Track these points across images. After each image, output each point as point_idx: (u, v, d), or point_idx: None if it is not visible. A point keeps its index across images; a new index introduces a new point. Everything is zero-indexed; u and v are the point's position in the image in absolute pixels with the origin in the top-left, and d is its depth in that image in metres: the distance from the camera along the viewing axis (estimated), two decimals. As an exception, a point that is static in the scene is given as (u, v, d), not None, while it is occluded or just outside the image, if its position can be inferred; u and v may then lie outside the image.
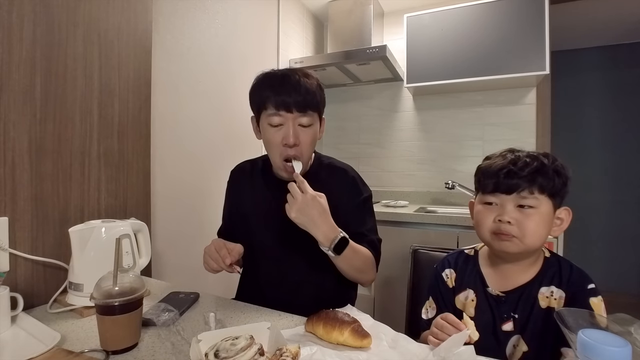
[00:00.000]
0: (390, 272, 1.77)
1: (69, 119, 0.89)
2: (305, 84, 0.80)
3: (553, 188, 0.67)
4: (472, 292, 0.76)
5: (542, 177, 0.66)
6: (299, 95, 0.78)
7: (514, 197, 0.68)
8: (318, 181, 0.90)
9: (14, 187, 0.78)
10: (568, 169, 0.69)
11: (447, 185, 2.01)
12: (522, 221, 0.67)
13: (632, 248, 3.02)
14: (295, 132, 0.80)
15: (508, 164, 0.68)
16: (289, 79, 0.80)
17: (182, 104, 1.39)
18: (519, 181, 0.67)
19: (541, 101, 2.07)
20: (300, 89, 0.78)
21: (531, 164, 0.67)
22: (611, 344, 0.37)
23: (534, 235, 0.67)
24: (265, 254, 0.91)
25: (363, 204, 0.92)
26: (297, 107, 0.79)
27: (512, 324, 0.70)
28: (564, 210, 0.70)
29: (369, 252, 0.85)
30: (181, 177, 1.39)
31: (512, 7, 1.85)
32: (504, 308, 0.71)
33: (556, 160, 0.69)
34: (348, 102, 2.59)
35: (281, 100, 0.78)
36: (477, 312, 0.74)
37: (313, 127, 0.83)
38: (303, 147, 0.82)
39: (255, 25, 1.85)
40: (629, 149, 3.02)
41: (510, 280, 0.72)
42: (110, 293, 0.60)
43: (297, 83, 0.79)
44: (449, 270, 0.81)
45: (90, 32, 0.93)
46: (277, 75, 0.82)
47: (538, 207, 0.67)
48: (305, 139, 0.82)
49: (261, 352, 0.53)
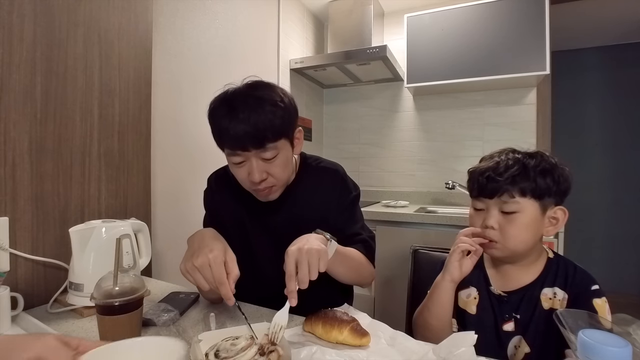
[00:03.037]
0: (390, 272, 1.77)
1: (69, 119, 0.89)
2: (258, 113, 0.69)
3: (537, 190, 0.66)
4: (475, 290, 0.76)
5: (523, 180, 0.66)
6: (250, 129, 0.69)
7: (496, 202, 0.68)
8: (307, 185, 0.88)
9: (15, 187, 0.78)
10: (561, 166, 0.68)
11: (448, 186, 2.01)
12: (504, 226, 0.67)
13: (632, 248, 3.02)
14: (260, 168, 0.73)
15: (489, 169, 0.69)
16: (238, 112, 0.69)
17: (183, 104, 1.39)
18: (498, 185, 0.67)
19: (541, 101, 2.07)
20: (251, 122, 0.68)
21: (512, 167, 0.67)
22: (611, 344, 0.37)
23: (516, 240, 0.67)
24: (264, 255, 0.90)
25: (353, 202, 0.91)
26: (252, 144, 0.70)
27: (513, 324, 0.70)
28: (560, 209, 0.69)
29: (359, 252, 0.83)
30: (181, 177, 1.39)
31: (512, 7, 1.85)
32: (505, 308, 0.71)
33: (545, 160, 0.68)
34: (348, 102, 2.59)
35: (234, 139, 0.70)
36: (478, 310, 0.74)
37: (280, 155, 0.74)
38: (273, 178, 0.76)
39: (255, 26, 1.85)
40: (629, 149, 3.02)
41: (512, 280, 0.72)
42: (110, 293, 0.60)
43: (249, 115, 0.68)
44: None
45: (91, 32, 0.94)
46: (229, 106, 0.72)
47: (521, 212, 0.66)
48: (274, 170, 0.75)
49: (261, 352, 0.53)
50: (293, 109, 0.78)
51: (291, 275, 0.60)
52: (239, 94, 0.73)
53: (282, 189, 0.82)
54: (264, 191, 0.78)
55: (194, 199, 1.43)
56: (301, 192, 0.87)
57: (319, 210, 0.85)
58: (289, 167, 0.80)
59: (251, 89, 0.74)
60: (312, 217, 0.83)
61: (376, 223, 1.83)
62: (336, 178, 0.89)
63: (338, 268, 0.74)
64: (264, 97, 0.72)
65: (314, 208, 0.86)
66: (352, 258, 0.80)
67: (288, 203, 0.86)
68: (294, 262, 0.61)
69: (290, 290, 0.60)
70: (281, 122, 0.72)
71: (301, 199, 0.87)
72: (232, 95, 0.73)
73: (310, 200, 0.86)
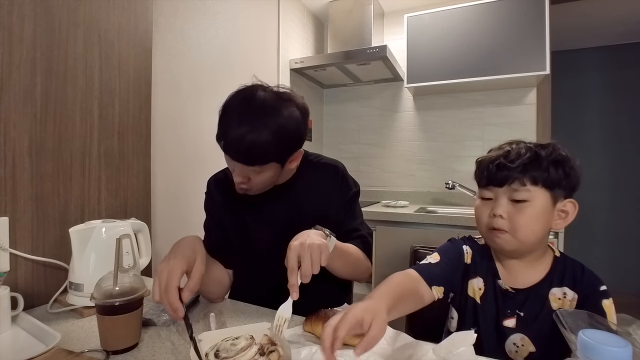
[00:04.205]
0: (391, 272, 1.76)
1: (69, 119, 0.89)
2: (255, 136, 0.69)
3: (548, 179, 0.64)
4: (482, 281, 0.73)
5: (535, 169, 0.64)
6: (242, 149, 0.71)
7: (506, 190, 0.66)
8: (308, 182, 0.89)
9: (15, 187, 0.78)
10: (573, 159, 0.66)
11: (448, 186, 2.01)
12: (513, 215, 0.65)
13: (633, 248, 3.02)
14: (243, 173, 0.75)
15: (500, 156, 0.67)
16: (239, 124, 0.70)
17: (183, 104, 1.39)
18: (509, 173, 0.65)
19: (541, 101, 2.07)
20: (244, 141, 0.69)
21: (524, 155, 0.65)
22: (611, 344, 0.37)
23: (526, 230, 0.64)
24: (264, 248, 0.90)
25: (353, 199, 0.92)
26: (240, 160, 0.73)
27: (514, 320, 0.69)
28: (569, 202, 0.66)
29: (357, 248, 0.85)
30: (181, 177, 1.39)
31: (512, 7, 1.85)
32: (509, 303, 0.70)
33: (557, 151, 0.66)
34: (348, 102, 2.59)
35: (228, 147, 0.73)
36: (482, 301, 0.72)
37: (266, 172, 0.76)
38: (252, 184, 0.78)
39: (255, 26, 1.85)
40: (629, 148, 3.02)
41: (518, 277, 0.71)
42: (110, 293, 0.60)
43: (244, 135, 0.69)
44: (468, 248, 0.77)
45: (91, 32, 0.94)
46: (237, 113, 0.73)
47: (532, 200, 0.64)
48: (255, 180, 0.77)
49: (261, 352, 0.53)
50: (297, 137, 0.78)
51: (293, 269, 0.61)
52: (251, 106, 0.73)
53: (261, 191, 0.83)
54: (241, 189, 0.80)
55: (194, 199, 1.44)
56: (301, 188, 0.89)
57: (319, 206, 0.87)
58: (268, 182, 0.80)
59: (264, 104, 0.73)
60: (312, 212, 0.85)
61: (376, 223, 1.83)
62: (336, 174, 0.91)
63: (336, 263, 0.75)
64: (272, 121, 0.71)
65: (314, 203, 0.87)
66: (349, 253, 0.81)
67: (288, 198, 0.87)
68: (296, 256, 0.62)
69: (292, 283, 0.60)
70: (275, 151, 0.73)
71: (301, 194, 0.88)
72: (245, 102, 0.73)
73: (310, 195, 0.88)
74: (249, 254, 0.89)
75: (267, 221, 0.88)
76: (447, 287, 0.71)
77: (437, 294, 0.69)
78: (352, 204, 0.92)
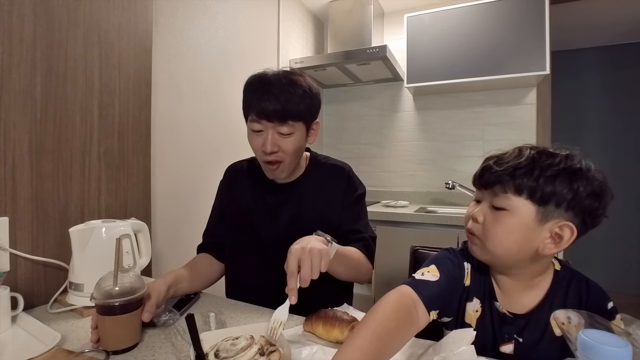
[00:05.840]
0: (390, 272, 1.77)
1: (69, 119, 0.89)
2: (289, 93, 0.78)
3: (536, 191, 0.55)
4: (479, 303, 0.66)
5: (522, 176, 0.56)
6: (278, 104, 0.77)
7: (489, 194, 0.60)
8: (314, 181, 0.92)
9: (14, 187, 0.78)
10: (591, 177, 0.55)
11: (448, 186, 2.00)
12: (489, 222, 0.59)
13: (632, 248, 3.02)
14: (274, 140, 0.80)
15: (493, 157, 0.62)
16: (272, 87, 0.78)
17: (183, 104, 1.39)
18: (493, 176, 0.59)
19: (541, 101, 2.07)
20: (281, 99, 0.77)
21: (515, 160, 0.57)
22: (611, 344, 0.37)
23: (494, 241, 0.58)
24: (268, 252, 0.90)
25: (358, 200, 0.93)
26: (276, 117, 0.78)
27: (512, 346, 0.62)
28: (567, 226, 0.55)
29: (359, 251, 0.84)
30: (181, 177, 1.39)
31: (512, 7, 1.85)
32: (507, 328, 0.63)
33: (566, 161, 0.55)
34: (348, 102, 2.59)
35: (261, 109, 0.78)
36: (477, 324, 0.66)
37: (295, 135, 0.81)
38: (283, 153, 0.82)
39: (255, 26, 1.85)
40: (629, 148, 3.02)
41: (514, 298, 0.64)
42: (110, 293, 0.60)
43: (280, 92, 0.77)
44: (469, 266, 0.68)
45: (91, 33, 0.94)
46: (264, 81, 0.80)
47: (511, 211, 0.57)
48: (285, 146, 0.81)
49: (261, 352, 0.53)
50: (317, 101, 0.85)
51: (292, 273, 0.61)
52: (276, 74, 0.82)
53: (289, 169, 0.86)
54: (272, 165, 0.83)
55: (194, 199, 1.44)
56: (308, 186, 0.91)
57: (324, 205, 0.89)
58: (300, 149, 0.85)
59: (288, 73, 0.83)
60: (317, 211, 0.87)
61: (376, 223, 1.83)
62: (342, 175, 0.93)
63: (337, 268, 0.75)
64: (298, 82, 0.81)
65: (320, 203, 0.89)
66: (351, 257, 0.81)
67: (296, 195, 0.90)
68: (296, 260, 0.62)
69: (290, 287, 0.60)
70: (305, 108, 0.81)
71: (308, 192, 0.90)
72: (270, 75, 0.82)
73: (316, 195, 0.90)
74: (253, 250, 0.90)
75: (274, 214, 0.90)
76: (442, 311, 0.65)
77: (433, 317, 0.63)
78: (356, 205, 0.92)
